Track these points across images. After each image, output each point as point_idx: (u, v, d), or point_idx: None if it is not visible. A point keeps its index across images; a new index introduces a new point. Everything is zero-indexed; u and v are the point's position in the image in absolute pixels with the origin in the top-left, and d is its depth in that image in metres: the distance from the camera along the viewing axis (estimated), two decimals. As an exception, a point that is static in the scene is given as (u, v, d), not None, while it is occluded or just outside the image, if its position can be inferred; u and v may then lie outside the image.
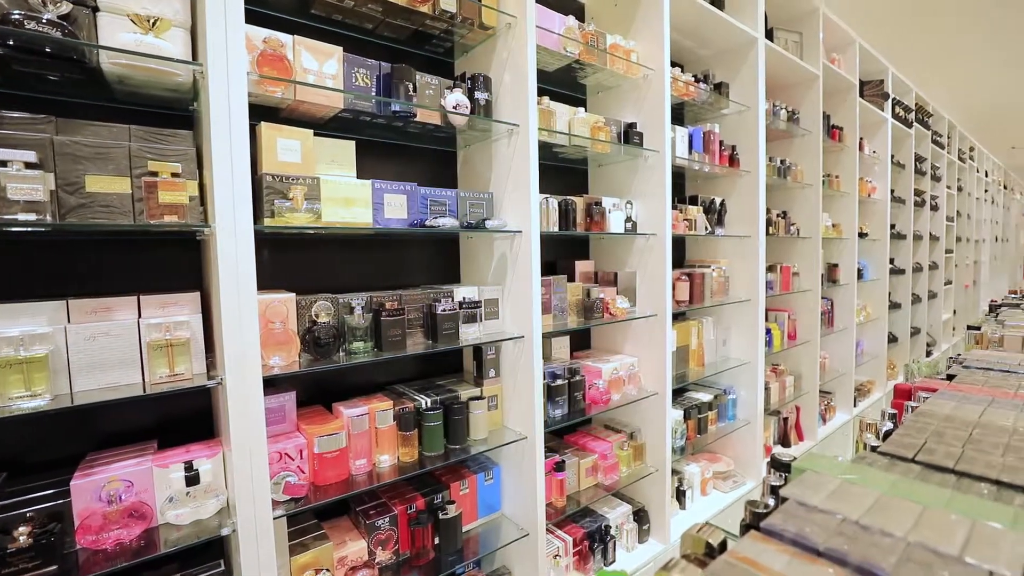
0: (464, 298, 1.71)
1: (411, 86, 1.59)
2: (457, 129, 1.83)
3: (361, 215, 1.49)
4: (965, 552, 0.58)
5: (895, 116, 4.38)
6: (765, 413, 2.87)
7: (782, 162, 3.06)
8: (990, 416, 0.99)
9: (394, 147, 1.89)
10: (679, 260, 2.91)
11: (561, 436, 2.27)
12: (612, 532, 2.14)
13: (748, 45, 2.71)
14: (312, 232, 1.55)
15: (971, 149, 7.62)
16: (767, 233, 2.83)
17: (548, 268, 2.28)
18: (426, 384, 1.88)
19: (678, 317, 2.58)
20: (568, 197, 1.99)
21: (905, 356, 4.93)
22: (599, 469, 2.12)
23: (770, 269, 2.93)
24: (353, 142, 1.60)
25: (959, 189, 6.80)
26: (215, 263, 1.18)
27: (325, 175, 1.48)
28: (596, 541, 2.08)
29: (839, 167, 3.69)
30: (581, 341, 2.50)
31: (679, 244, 2.94)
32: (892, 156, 4.37)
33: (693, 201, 2.59)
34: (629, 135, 2.15)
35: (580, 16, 2.37)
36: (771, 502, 0.77)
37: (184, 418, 1.48)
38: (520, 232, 1.75)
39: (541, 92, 2.03)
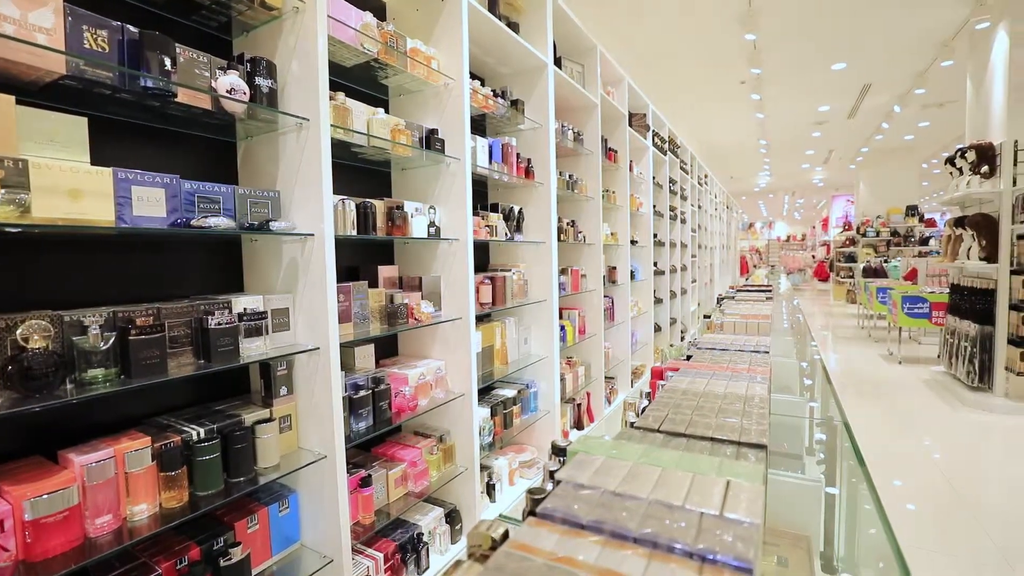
0: (246, 309, 1.51)
1: (169, 60, 1.34)
2: (236, 117, 1.61)
3: (96, 211, 1.20)
4: (687, 501, 0.70)
5: (655, 145, 5.31)
6: (562, 402, 3.18)
7: (570, 177, 3.44)
8: (711, 387, 1.25)
9: (151, 131, 1.58)
10: (483, 264, 3.05)
11: (368, 449, 2.18)
12: (425, 539, 2.12)
13: (540, 69, 2.99)
14: (17, 231, 1.19)
15: (705, 176, 9.67)
16: (559, 240, 3.15)
17: (349, 274, 2.16)
18: (201, 411, 1.60)
19: (483, 319, 2.70)
20: (368, 200, 1.92)
21: (666, 342, 5.99)
22: (409, 477, 2.09)
23: (562, 272, 3.27)
24: (85, 119, 1.28)
25: (699, 207, 8.57)
26: None
27: (38, 157, 1.15)
28: (408, 551, 2.04)
29: (615, 184, 4.31)
30: (388, 348, 2.44)
31: (483, 249, 3.08)
32: (653, 177, 5.29)
33: (494, 209, 2.74)
34: (431, 141, 2.17)
35: (381, 15, 2.31)
36: (549, 486, 0.84)
37: None
38: (312, 235, 1.62)
39: (337, 87, 1.92)
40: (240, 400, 1.73)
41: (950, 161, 5.29)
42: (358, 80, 2.20)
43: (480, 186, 3.04)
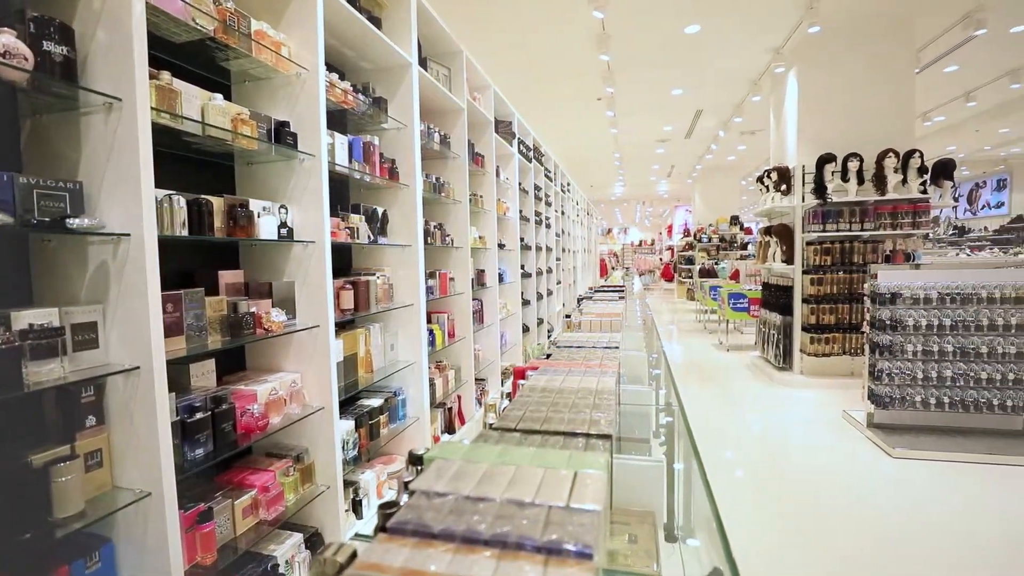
0: (31, 325, 1.23)
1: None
2: (16, 87, 1.31)
3: None
4: (537, 497, 0.72)
5: (520, 152, 5.51)
6: (432, 407, 3.13)
7: (437, 179, 3.42)
8: (567, 383, 1.31)
9: None
10: (345, 268, 2.89)
11: (211, 478, 1.92)
12: (281, 570, 1.93)
13: (404, 68, 2.92)
14: None
15: (568, 183, 10.31)
16: (426, 243, 3.11)
17: (182, 280, 1.89)
18: (-33, 455, 1.27)
19: (345, 326, 2.55)
20: (204, 196, 1.69)
21: (534, 342, 6.25)
22: (260, 504, 1.88)
23: (430, 275, 3.23)
24: None
25: (563, 213, 9.10)
26: None
27: None
28: (260, 587, 1.84)
29: (482, 188, 4.38)
30: (234, 362, 2.18)
31: (344, 252, 2.91)
32: (520, 183, 5.48)
33: (356, 210, 2.61)
34: (281, 134, 1.99)
35: (217, -11, 2.06)
36: (405, 498, 0.80)
37: None
38: (128, 236, 1.38)
39: (162, 64, 1.67)
40: (32, 437, 1.41)
41: (759, 180, 6.31)
42: (192, 60, 1.94)
43: (340, 186, 2.88)
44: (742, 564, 0.84)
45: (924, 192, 5.22)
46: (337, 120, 2.71)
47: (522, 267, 5.63)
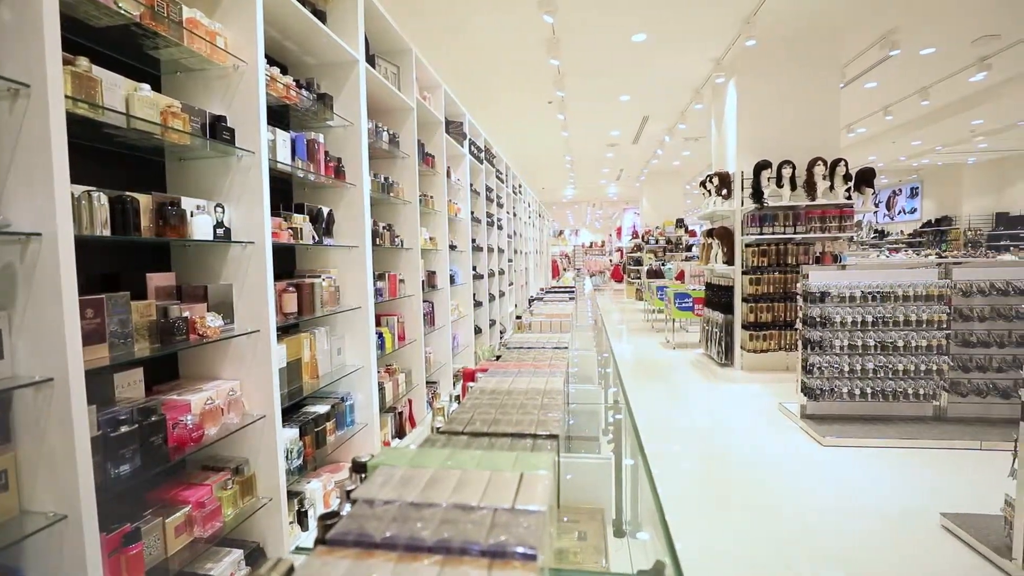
0: (-78, 333, 1.11)
1: None
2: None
3: None
4: (483, 500, 0.71)
5: (472, 153, 5.49)
6: (382, 412, 3.06)
7: (386, 179, 3.35)
8: (515, 384, 1.31)
9: None
10: (288, 270, 2.78)
11: (139, 495, 1.79)
12: (218, 589, 1.83)
13: (351, 64, 2.84)
14: None
15: (520, 185, 10.37)
16: (375, 244, 3.04)
17: (106, 283, 1.76)
18: None
19: (289, 330, 2.45)
20: (128, 193, 1.58)
21: (487, 344, 6.24)
22: (195, 521, 1.78)
23: (379, 277, 3.16)
24: None
25: (514, 214, 9.14)
26: None
27: None
28: (195, 609, 1.73)
29: (433, 189, 4.33)
30: (166, 371, 2.05)
31: (287, 254, 2.80)
32: (471, 184, 5.46)
33: (300, 209, 2.51)
34: (217, 129, 1.89)
35: (143, -27, 1.93)
36: (348, 508, 0.77)
37: None
38: (39, 235, 1.26)
39: (83, 50, 1.55)
40: (-80, 458, 1.26)
41: (702, 184, 6.59)
42: (117, 47, 1.81)
43: (283, 184, 2.77)
44: (687, 553, 0.87)
45: (849, 198, 5.61)
46: (279, 116, 2.60)
47: (474, 268, 5.61)
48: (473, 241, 5.57)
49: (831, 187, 5.59)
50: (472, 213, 5.53)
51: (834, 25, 5.44)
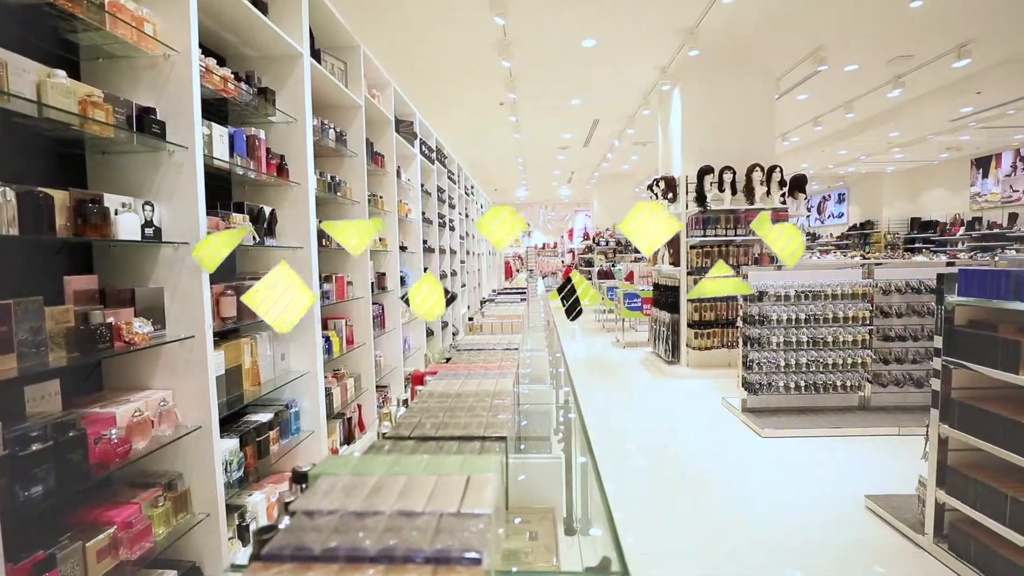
0: None
1: None
2: None
3: None
4: (428, 506, 0.70)
5: (423, 153, 5.42)
6: (329, 418, 2.97)
7: (333, 178, 3.25)
8: (465, 387, 1.30)
9: None
10: (227, 273, 2.64)
11: (56, 518, 1.65)
12: (148, 613, 1.71)
13: (294, 59, 2.74)
14: None
15: (472, 187, 10.34)
16: (321, 245, 2.94)
17: (17, 287, 1.61)
18: None
19: (228, 335, 2.33)
20: (40, 189, 1.45)
21: (439, 346, 6.18)
22: (121, 543, 1.65)
23: (326, 279, 3.06)
24: None
25: (467, 215, 9.10)
26: None
27: None
28: (121, 637, 1.61)
29: (382, 189, 4.24)
30: (88, 381, 1.90)
31: (228, 255, 2.66)
32: (422, 185, 5.39)
33: (239, 208, 2.39)
34: (144, 122, 1.77)
35: (60, -49, 1.79)
36: (287, 521, 0.74)
37: None
38: (-68, 233, 1.14)
39: (-20, 32, 1.41)
40: None
41: (650, 188, 6.80)
42: (30, 29, 1.66)
43: (221, 182, 2.63)
44: (637, 546, 0.88)
45: (784, 202, 5.95)
46: (217, 110, 2.47)
47: (425, 270, 5.54)
48: (424, 242, 5.50)
49: (768, 192, 5.91)
50: (423, 214, 5.46)
51: (769, 40, 5.76)
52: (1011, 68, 6.50)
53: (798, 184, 6.05)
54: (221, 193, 2.67)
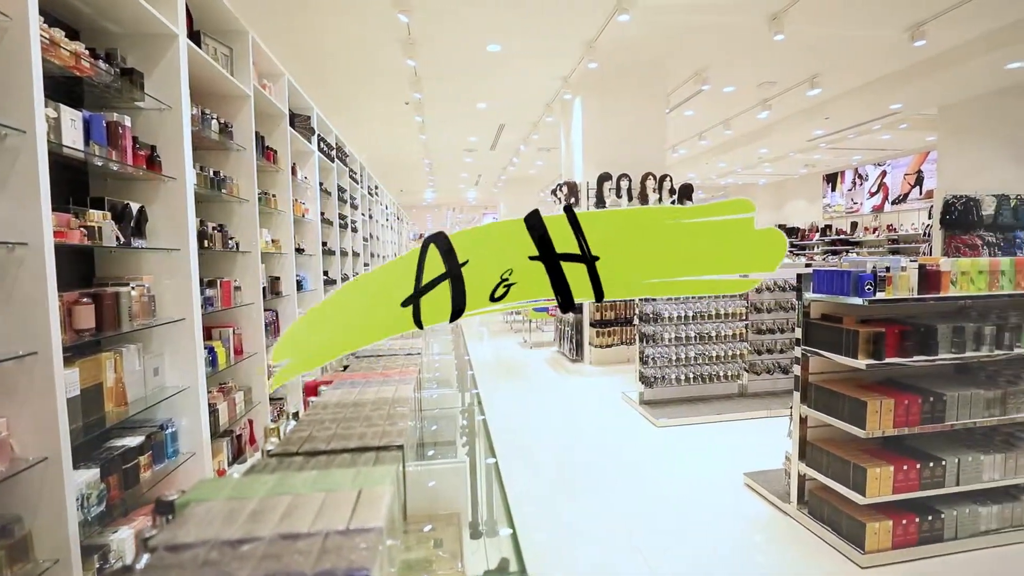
0: None
1: None
2: None
3: None
4: (314, 525, 0.65)
5: (321, 150, 5.14)
6: (215, 437, 2.70)
7: (216, 173, 2.96)
8: (362, 395, 1.24)
9: None
10: (85, 278, 2.30)
11: None
12: None
13: (168, 38, 2.46)
14: None
15: (377, 187, 10.01)
16: (202, 246, 2.67)
17: None
18: None
19: (84, 350, 2.02)
20: None
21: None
22: (-64, 604, 1.37)
23: (209, 284, 2.78)
24: None
25: (370, 216, 8.79)
26: None
27: None
28: None
29: (276, 187, 3.95)
30: None
31: (82, 257, 2.32)
32: (321, 183, 5.11)
33: (99, 204, 2.09)
34: (-34, 99, 1.49)
35: None
36: (146, 559, 0.65)
37: None
38: None
39: None
40: None
41: (553, 192, 7.03)
42: None
43: (75, 174, 2.28)
44: (542, 540, 0.89)
45: (673, 209, 6.45)
46: (68, 90, 2.14)
47: (325, 273, 5.26)
48: (324, 244, 5.21)
49: (660, 198, 6.36)
50: (323, 214, 5.17)
51: (659, 58, 6.21)
52: (850, 99, 7.62)
53: (686, 192, 6.59)
54: (77, 186, 2.32)
